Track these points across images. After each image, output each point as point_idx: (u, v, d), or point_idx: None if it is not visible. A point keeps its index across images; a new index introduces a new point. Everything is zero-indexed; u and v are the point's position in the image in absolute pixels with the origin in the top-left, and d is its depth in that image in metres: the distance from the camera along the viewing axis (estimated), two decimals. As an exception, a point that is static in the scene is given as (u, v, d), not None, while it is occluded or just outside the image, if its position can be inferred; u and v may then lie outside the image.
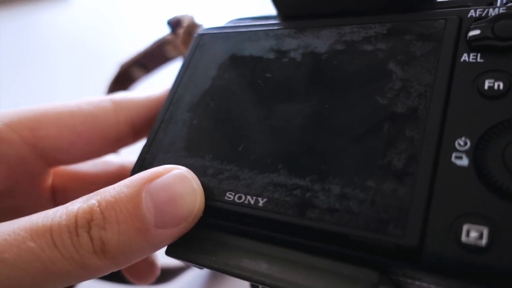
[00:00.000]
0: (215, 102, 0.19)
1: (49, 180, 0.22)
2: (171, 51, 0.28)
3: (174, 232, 0.15)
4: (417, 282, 0.13)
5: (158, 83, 0.25)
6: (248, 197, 0.15)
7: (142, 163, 0.19)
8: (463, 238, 0.12)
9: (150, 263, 0.22)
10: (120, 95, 0.21)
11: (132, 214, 0.14)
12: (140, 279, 0.22)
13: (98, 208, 0.14)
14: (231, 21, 0.23)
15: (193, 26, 0.24)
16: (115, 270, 0.15)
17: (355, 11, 0.18)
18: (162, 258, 0.28)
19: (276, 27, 0.19)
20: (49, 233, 0.13)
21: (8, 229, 0.13)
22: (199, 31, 0.22)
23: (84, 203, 0.15)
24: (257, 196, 0.15)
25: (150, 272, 0.22)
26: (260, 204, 0.15)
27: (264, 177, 0.16)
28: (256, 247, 0.15)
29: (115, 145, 0.21)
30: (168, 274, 0.31)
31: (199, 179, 0.17)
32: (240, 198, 0.16)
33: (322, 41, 0.18)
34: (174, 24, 0.26)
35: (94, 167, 0.23)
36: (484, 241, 0.11)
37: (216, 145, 0.17)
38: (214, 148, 0.17)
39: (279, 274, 0.14)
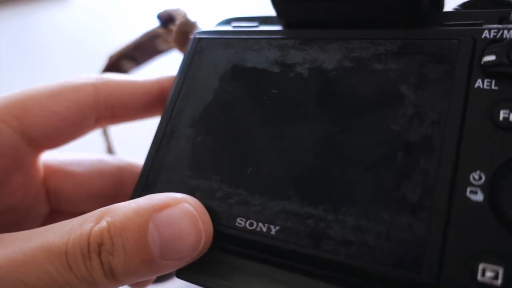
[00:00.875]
0: (219, 118, 0.18)
1: (40, 172, 0.22)
2: (161, 44, 0.27)
3: (179, 264, 0.16)
4: None
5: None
6: (260, 224, 0.15)
7: (145, 181, 0.18)
8: (479, 277, 0.12)
9: None
10: (104, 78, 0.21)
11: (138, 244, 0.14)
12: (135, 285, 0.23)
13: (108, 233, 0.14)
14: (225, 21, 0.22)
15: (186, 23, 0.23)
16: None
17: (361, 21, 0.17)
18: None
19: (279, 36, 0.18)
20: (64, 255, 0.14)
21: (24, 248, 0.14)
22: (196, 33, 0.21)
23: (95, 223, 0.15)
24: (269, 223, 0.15)
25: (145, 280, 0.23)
26: (273, 232, 0.15)
27: (275, 203, 0.15)
28: (270, 273, 0.15)
29: (94, 126, 0.22)
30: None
31: (207, 202, 0.16)
32: (251, 225, 0.16)
33: (329, 56, 0.17)
34: (165, 18, 0.25)
35: (89, 168, 0.23)
36: (499, 282, 0.12)
37: (223, 166, 0.17)
38: (221, 170, 0.17)
39: None
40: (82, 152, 0.24)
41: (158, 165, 0.18)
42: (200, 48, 0.20)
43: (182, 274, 0.16)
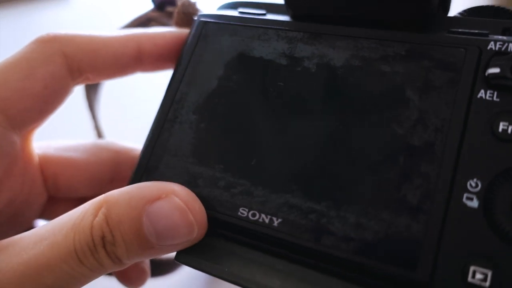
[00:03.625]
0: (223, 106, 0.18)
1: (35, 160, 0.21)
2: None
3: (178, 247, 0.16)
4: None
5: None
6: (263, 215, 0.16)
7: (147, 164, 0.18)
8: (469, 278, 0.13)
9: (140, 269, 0.23)
10: (70, 41, 0.20)
11: (135, 235, 0.15)
12: (130, 284, 0.23)
13: (107, 227, 0.15)
14: (230, 4, 0.22)
15: (189, 4, 0.22)
16: None
17: (367, 20, 0.17)
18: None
19: (288, 28, 0.18)
20: (74, 253, 0.15)
21: (38, 253, 0.15)
22: (201, 16, 0.21)
23: (94, 217, 0.15)
24: (272, 215, 0.16)
25: (140, 278, 0.23)
26: (275, 224, 0.16)
27: (278, 196, 0.16)
28: (270, 263, 0.16)
29: (71, 91, 0.21)
30: (170, 265, 0.31)
31: (210, 190, 0.17)
32: (254, 215, 0.16)
33: (337, 53, 0.17)
34: (160, 0, 0.24)
35: (85, 153, 0.23)
36: (487, 284, 0.13)
37: (227, 156, 0.17)
38: (224, 159, 0.17)
39: None
40: (72, 138, 0.24)
41: (160, 149, 0.18)
42: (205, 32, 0.20)
43: (181, 258, 0.17)
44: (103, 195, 0.16)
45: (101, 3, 0.69)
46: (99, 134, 0.28)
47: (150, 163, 0.18)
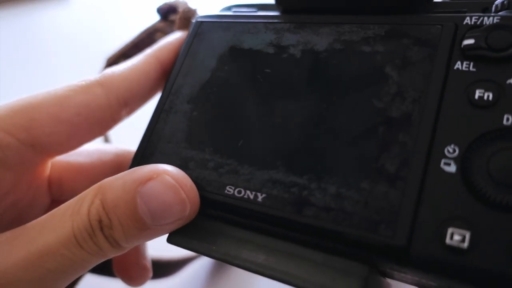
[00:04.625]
0: (215, 95, 0.19)
1: (47, 171, 0.22)
2: (161, 38, 0.28)
3: (173, 226, 0.17)
4: (402, 274, 0.15)
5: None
6: (248, 192, 0.16)
7: (143, 152, 0.19)
8: (447, 240, 0.13)
9: (142, 267, 0.23)
10: (107, 74, 0.21)
11: (131, 217, 0.16)
12: (132, 282, 0.24)
13: (103, 211, 0.16)
14: (227, 8, 0.23)
15: (189, 10, 0.24)
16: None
17: (353, 8, 0.18)
18: (165, 251, 0.30)
19: (275, 20, 0.20)
20: (74, 239, 0.16)
21: (40, 241, 0.16)
22: (197, 17, 0.22)
23: (91, 203, 0.16)
24: (256, 191, 0.16)
25: (142, 275, 0.24)
26: (259, 199, 0.16)
27: (263, 173, 0.16)
28: (255, 239, 0.16)
29: (110, 125, 0.22)
30: (171, 267, 0.31)
31: (200, 172, 0.17)
32: (239, 192, 0.16)
33: (321, 38, 0.18)
34: (165, 10, 0.26)
35: (89, 157, 0.23)
36: (466, 244, 0.13)
37: (216, 139, 0.18)
38: (214, 142, 0.18)
39: (276, 266, 0.15)
40: None
41: (156, 137, 0.19)
42: (200, 30, 0.21)
43: (172, 239, 0.17)
44: (98, 182, 0.17)
45: (101, 3, 0.70)
46: (106, 139, 0.30)
47: (146, 151, 0.19)
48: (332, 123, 0.16)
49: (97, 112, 0.20)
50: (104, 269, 0.26)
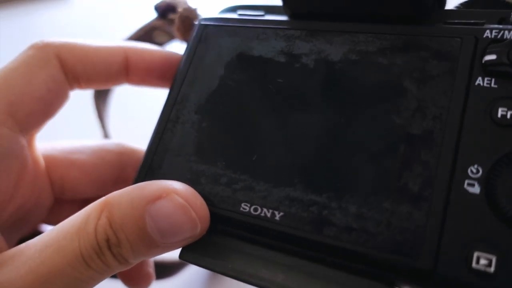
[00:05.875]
0: (225, 105, 0.18)
1: (42, 164, 0.22)
2: (159, 36, 0.26)
3: (182, 243, 0.17)
4: None
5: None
6: (265, 209, 0.16)
7: (150, 164, 0.19)
8: (474, 264, 0.13)
9: (146, 274, 0.23)
10: (65, 47, 0.20)
11: (140, 235, 0.15)
12: (136, 287, 0.24)
13: (111, 229, 0.15)
14: (230, 8, 0.22)
15: (189, 10, 0.23)
16: None
17: (366, 15, 0.18)
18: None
19: (285, 26, 0.19)
20: (81, 257, 0.15)
21: (44, 259, 0.15)
22: (201, 20, 0.21)
23: (97, 220, 0.16)
24: (274, 209, 0.16)
25: (146, 281, 0.24)
26: (277, 217, 0.16)
27: (280, 190, 0.16)
28: (273, 257, 0.16)
29: (68, 97, 0.21)
30: (172, 268, 0.31)
31: (212, 187, 0.17)
32: (256, 210, 0.16)
33: (335, 48, 0.17)
34: (163, 8, 0.25)
35: (91, 156, 0.23)
36: (492, 269, 0.13)
37: (228, 153, 0.17)
38: (226, 156, 0.17)
39: (296, 285, 0.15)
40: (78, 138, 0.24)
41: (163, 149, 0.19)
42: (205, 35, 0.20)
43: (185, 256, 0.17)
44: (104, 197, 0.16)
45: (101, 3, 0.69)
46: (106, 135, 0.29)
47: (153, 163, 0.18)
48: (349, 138, 0.16)
49: (60, 85, 0.20)
50: None
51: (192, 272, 0.33)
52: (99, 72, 0.21)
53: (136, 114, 0.22)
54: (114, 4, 0.72)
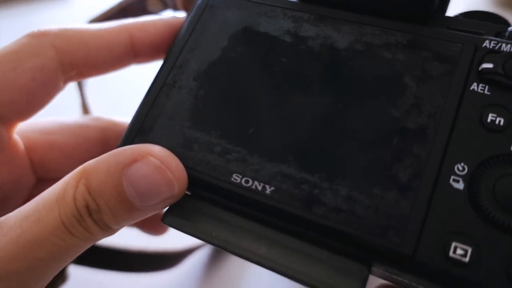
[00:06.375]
0: (225, 76, 0.18)
1: (21, 146, 0.21)
2: (153, 5, 0.26)
3: (163, 205, 0.17)
4: (394, 276, 0.16)
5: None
6: (256, 182, 0.16)
7: (141, 125, 0.18)
8: (450, 253, 0.14)
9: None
10: (64, 35, 0.19)
11: (118, 200, 0.15)
12: (154, 232, 0.24)
13: (90, 196, 0.15)
14: None
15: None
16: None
17: (374, 9, 0.18)
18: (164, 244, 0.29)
19: (294, 7, 0.19)
20: (63, 226, 0.15)
21: (27, 230, 0.15)
22: (208, -12, 0.21)
23: (75, 188, 0.15)
24: (265, 183, 0.16)
25: (162, 227, 0.24)
26: (267, 191, 0.16)
27: (273, 165, 0.16)
28: (258, 230, 0.16)
29: (62, 87, 0.20)
30: (171, 259, 0.31)
31: (205, 155, 0.17)
32: (247, 182, 0.16)
33: (342, 36, 0.18)
34: None
35: (70, 135, 0.22)
36: (467, 259, 0.14)
37: (224, 123, 0.17)
38: (221, 126, 0.17)
39: (278, 259, 0.15)
40: (57, 111, 0.23)
41: (156, 111, 0.18)
42: (212, 4, 0.20)
43: (169, 220, 0.17)
44: (80, 166, 0.16)
45: (101, 3, 0.67)
46: (85, 106, 0.28)
47: (145, 124, 0.18)
48: (346, 124, 0.16)
49: (50, 75, 0.19)
50: (87, 259, 0.26)
51: (189, 264, 0.33)
52: (102, 57, 0.20)
53: (116, 88, 0.22)
54: (113, 4, 0.69)
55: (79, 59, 0.20)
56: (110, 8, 0.25)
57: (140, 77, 0.23)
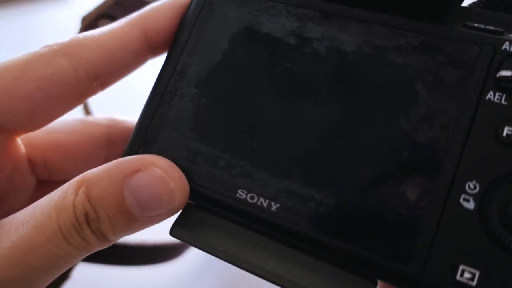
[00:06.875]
0: (227, 83, 0.18)
1: (20, 150, 0.20)
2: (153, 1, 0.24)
3: (162, 218, 0.17)
4: None
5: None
6: (261, 199, 0.16)
7: (143, 136, 0.18)
8: (458, 276, 0.14)
9: None
10: (75, 41, 0.18)
11: (118, 210, 0.15)
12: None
13: (89, 204, 0.15)
14: None
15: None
16: None
17: (386, 5, 0.17)
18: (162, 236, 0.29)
19: (298, 3, 0.18)
20: (60, 233, 0.15)
21: (22, 236, 0.15)
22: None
23: (75, 196, 0.15)
24: (270, 200, 0.16)
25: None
26: (273, 208, 0.16)
27: (278, 181, 0.16)
28: (265, 245, 0.16)
29: (78, 100, 0.19)
30: (171, 251, 0.31)
31: (209, 169, 0.17)
32: (252, 198, 0.16)
33: (349, 37, 0.17)
34: None
35: (73, 133, 0.21)
36: (475, 283, 0.13)
37: (228, 135, 0.17)
38: (225, 138, 0.17)
39: (285, 274, 0.16)
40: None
41: (158, 121, 0.18)
42: (210, 0, 0.19)
43: (176, 233, 0.17)
44: (80, 175, 0.16)
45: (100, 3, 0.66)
46: (87, 111, 0.27)
47: (148, 136, 0.18)
48: (354, 136, 0.16)
49: (61, 86, 0.18)
50: (95, 257, 0.26)
51: (191, 256, 0.34)
52: (119, 58, 0.19)
53: (117, 88, 0.21)
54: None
55: (95, 64, 0.18)
56: (103, 2, 0.24)
57: (140, 77, 0.23)
